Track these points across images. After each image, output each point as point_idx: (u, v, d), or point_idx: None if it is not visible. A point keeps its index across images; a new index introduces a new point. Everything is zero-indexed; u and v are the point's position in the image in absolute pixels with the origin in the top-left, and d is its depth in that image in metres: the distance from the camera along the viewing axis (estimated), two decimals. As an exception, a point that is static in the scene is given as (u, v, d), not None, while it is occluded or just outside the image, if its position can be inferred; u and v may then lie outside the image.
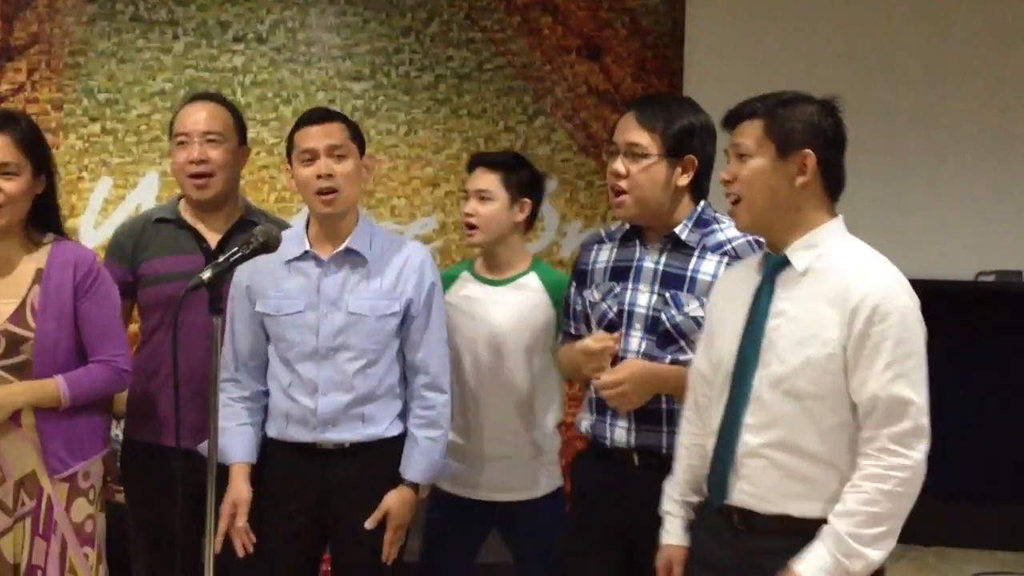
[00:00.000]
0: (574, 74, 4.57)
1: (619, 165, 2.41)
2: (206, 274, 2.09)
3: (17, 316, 2.46)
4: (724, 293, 2.23)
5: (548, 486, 2.87)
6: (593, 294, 2.52)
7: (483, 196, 2.79)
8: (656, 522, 2.26)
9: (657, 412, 2.40)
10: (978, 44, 4.42)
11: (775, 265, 2.09)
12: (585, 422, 2.55)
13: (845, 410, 2.00)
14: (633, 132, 2.40)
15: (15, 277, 2.49)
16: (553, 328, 2.80)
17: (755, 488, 2.04)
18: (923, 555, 4.36)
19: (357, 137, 2.62)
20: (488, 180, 2.81)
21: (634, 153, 2.39)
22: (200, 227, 2.82)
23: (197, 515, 2.16)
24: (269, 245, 2.22)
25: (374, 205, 4.39)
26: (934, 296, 2.11)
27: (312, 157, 2.55)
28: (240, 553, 2.54)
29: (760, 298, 2.09)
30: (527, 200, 2.83)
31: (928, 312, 2.05)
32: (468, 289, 2.87)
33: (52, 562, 2.49)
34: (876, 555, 1.95)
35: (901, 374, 1.95)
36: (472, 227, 2.80)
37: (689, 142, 2.40)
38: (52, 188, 2.57)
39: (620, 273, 2.49)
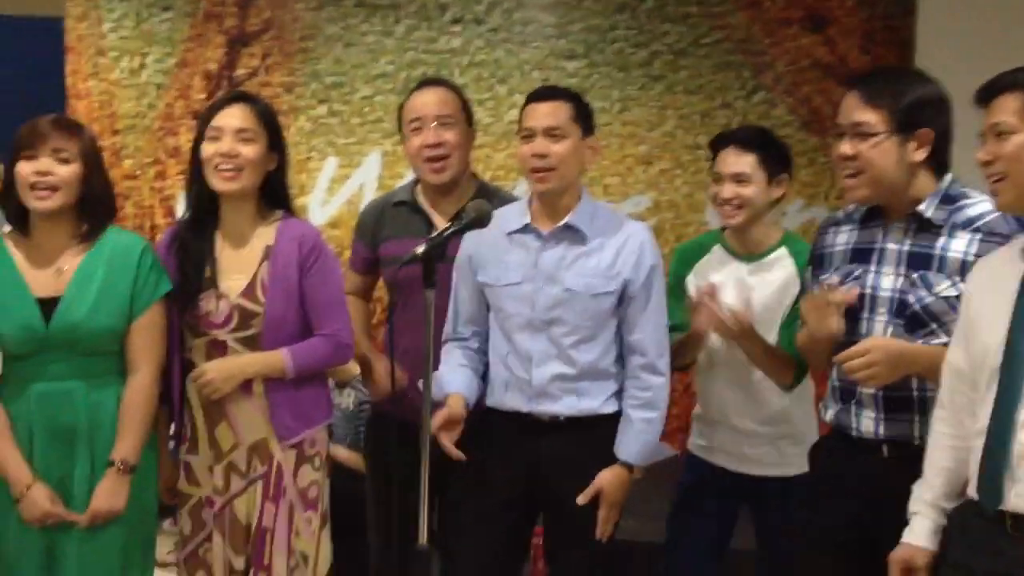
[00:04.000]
0: (796, 47, 4.39)
1: (846, 147, 2.28)
2: (420, 249, 2.14)
3: (248, 292, 2.59)
4: (982, 282, 2.07)
5: (801, 467, 2.74)
6: (832, 278, 2.40)
7: (740, 179, 2.74)
8: (905, 518, 2.14)
9: (907, 399, 2.26)
10: None
11: None
12: (830, 411, 2.42)
13: None
14: (858, 111, 2.26)
15: (247, 253, 2.62)
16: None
17: None
18: None
19: (581, 117, 2.59)
20: (745, 162, 2.74)
21: (861, 133, 2.25)
22: (431, 211, 2.90)
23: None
24: (480, 220, 2.27)
25: (586, 184, 4.34)
26: None
27: (530, 135, 2.56)
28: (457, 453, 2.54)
29: None
30: (785, 176, 2.79)
31: None
32: (722, 263, 2.83)
33: (280, 525, 2.61)
34: None
35: None
36: (737, 207, 2.74)
37: (920, 115, 2.24)
38: (283, 166, 2.68)
39: (862, 255, 2.36)
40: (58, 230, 2.47)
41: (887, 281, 2.29)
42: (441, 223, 2.83)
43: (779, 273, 2.78)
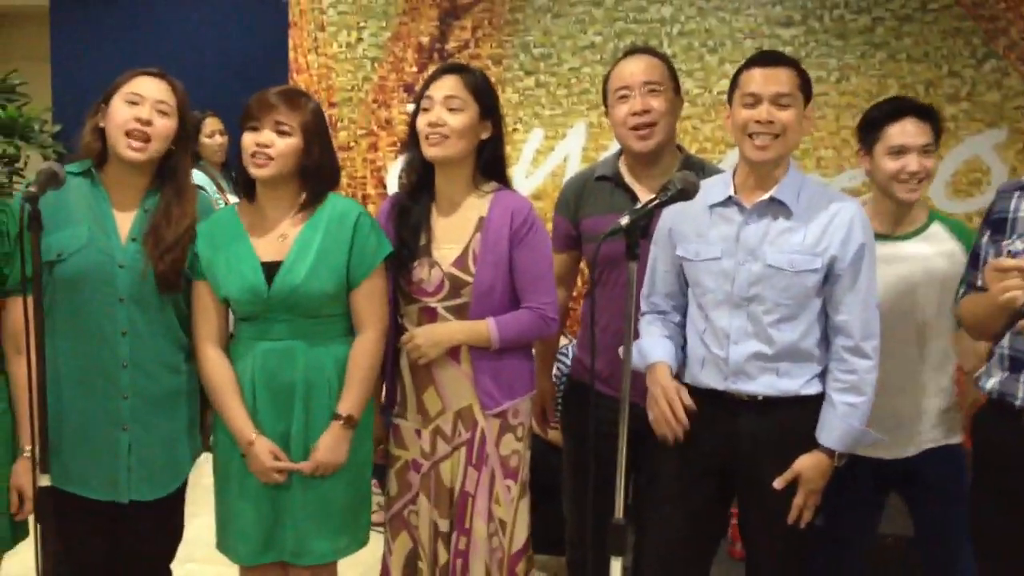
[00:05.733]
0: (1034, 11, 4.09)
1: None
2: (624, 220, 2.10)
3: (460, 261, 2.63)
4: None
5: (941, 439, 2.74)
6: (1015, 244, 2.28)
7: (928, 150, 2.67)
8: None
9: None
10: None
11: None
12: (992, 379, 2.34)
13: None
14: None
15: (460, 223, 2.66)
16: (957, 280, 2.60)
17: None
18: None
19: (805, 86, 2.50)
20: (929, 133, 2.67)
21: None
22: (636, 186, 2.86)
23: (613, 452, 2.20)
24: (687, 192, 2.20)
25: (798, 156, 4.22)
26: None
27: (755, 102, 2.46)
28: (671, 438, 2.52)
29: None
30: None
31: None
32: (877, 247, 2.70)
33: (482, 491, 2.66)
34: None
35: None
36: (921, 181, 2.67)
37: None
38: (499, 137, 2.70)
39: None
40: (281, 198, 2.58)
41: None
42: (645, 197, 2.77)
43: (948, 246, 2.70)
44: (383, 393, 2.78)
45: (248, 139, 2.53)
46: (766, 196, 2.49)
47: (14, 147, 5.87)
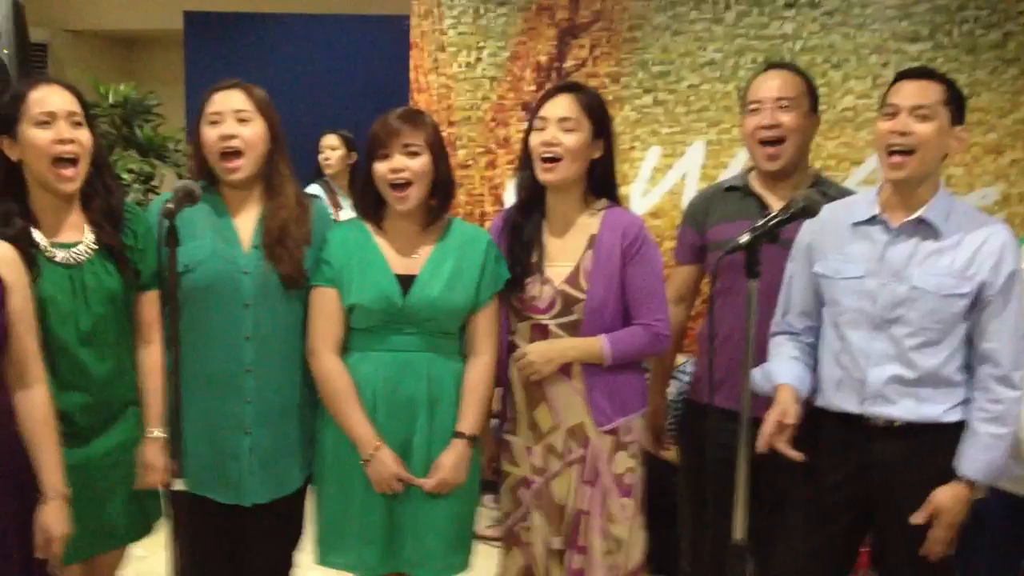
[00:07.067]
0: None
1: None
2: (744, 238, 2.08)
3: (572, 278, 2.64)
4: None
5: None
6: None
7: None
8: None
9: None
10: None
11: None
12: None
13: None
14: None
15: (572, 241, 2.67)
16: None
17: None
18: None
19: (952, 102, 2.42)
20: None
21: None
22: (766, 195, 2.83)
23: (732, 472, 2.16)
24: (809, 210, 2.19)
25: (926, 175, 4.10)
26: None
27: (894, 112, 2.42)
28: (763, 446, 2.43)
29: None
30: None
31: None
32: None
33: (595, 508, 2.65)
34: None
35: None
36: None
37: None
38: (610, 156, 2.71)
39: None
40: (410, 217, 2.63)
41: None
42: (776, 205, 2.74)
43: None
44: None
45: (382, 168, 2.57)
46: (914, 216, 2.43)
47: (150, 165, 6.13)
